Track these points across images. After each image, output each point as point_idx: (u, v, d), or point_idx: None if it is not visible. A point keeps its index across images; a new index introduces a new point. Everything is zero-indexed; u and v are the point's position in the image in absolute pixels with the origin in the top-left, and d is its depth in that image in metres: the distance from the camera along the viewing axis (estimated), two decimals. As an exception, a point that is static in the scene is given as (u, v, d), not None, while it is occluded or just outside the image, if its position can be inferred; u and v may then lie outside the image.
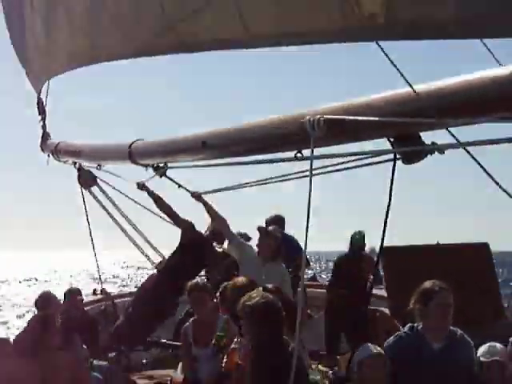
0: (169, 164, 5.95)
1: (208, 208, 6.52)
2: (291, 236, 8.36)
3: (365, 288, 7.85)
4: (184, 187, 6.31)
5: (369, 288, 7.30)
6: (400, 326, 5.26)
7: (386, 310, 7.15)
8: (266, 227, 7.83)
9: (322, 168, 4.37)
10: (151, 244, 8.15)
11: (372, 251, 8.12)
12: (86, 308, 7.97)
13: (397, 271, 6.58)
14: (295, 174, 4.66)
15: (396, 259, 6.54)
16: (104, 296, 8.94)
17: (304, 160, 4.20)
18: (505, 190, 3.33)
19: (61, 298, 7.11)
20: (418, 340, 4.38)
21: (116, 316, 8.02)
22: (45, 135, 8.28)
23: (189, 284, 5.90)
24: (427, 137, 3.81)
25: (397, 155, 3.94)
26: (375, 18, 3.10)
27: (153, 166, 6.11)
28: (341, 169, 4.32)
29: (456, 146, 3.61)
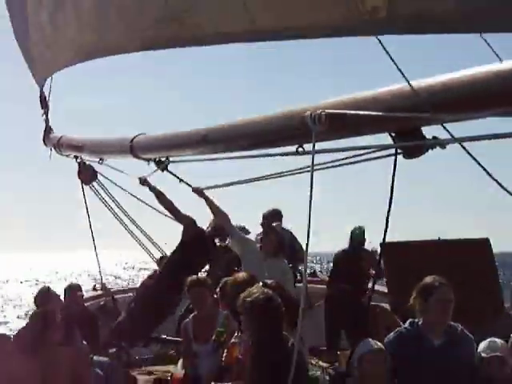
0: (170, 158, 5.94)
1: (209, 203, 6.51)
2: (289, 230, 8.41)
3: (365, 283, 7.85)
4: (185, 182, 6.30)
5: (371, 284, 7.28)
6: (400, 322, 5.26)
7: (387, 306, 7.16)
8: (265, 221, 7.87)
9: (324, 164, 4.37)
10: (152, 240, 8.16)
11: (373, 252, 8.11)
12: (86, 304, 7.98)
13: (397, 267, 6.57)
14: (296, 170, 4.64)
15: (396, 255, 6.53)
16: (104, 292, 8.95)
17: (305, 154, 4.19)
18: (503, 187, 3.32)
19: (60, 295, 7.11)
20: (419, 335, 4.38)
21: (116, 312, 8.03)
22: (47, 129, 8.29)
23: (188, 280, 5.87)
24: (428, 131, 3.82)
25: (398, 150, 3.94)
26: (377, 12, 3.09)
27: (154, 161, 6.10)
28: (342, 163, 4.31)
29: (456, 141, 3.60)
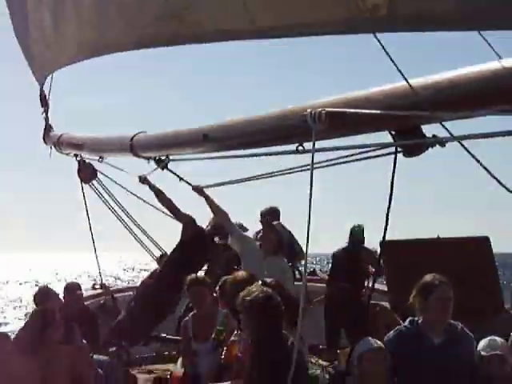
0: (170, 157, 5.94)
1: (209, 202, 6.51)
2: (288, 229, 8.41)
3: (365, 281, 7.85)
4: (185, 180, 6.30)
5: (371, 282, 7.28)
6: (400, 320, 5.26)
7: (387, 304, 7.16)
8: (264, 219, 7.87)
9: (323, 162, 4.37)
10: (151, 238, 8.15)
11: (373, 251, 8.11)
12: (86, 302, 7.97)
13: (397, 265, 6.58)
14: (297, 168, 4.64)
15: (396, 253, 6.53)
16: (103, 290, 8.94)
17: (305, 153, 4.18)
18: (503, 184, 3.32)
19: (60, 294, 7.09)
20: (419, 334, 4.38)
21: (116, 310, 8.02)
22: (47, 127, 8.28)
23: (188, 278, 5.86)
24: (428, 130, 3.82)
25: (398, 148, 3.94)
26: (378, 10, 3.09)
27: (154, 159, 6.10)
28: (342, 162, 4.31)
29: (456, 139, 3.60)
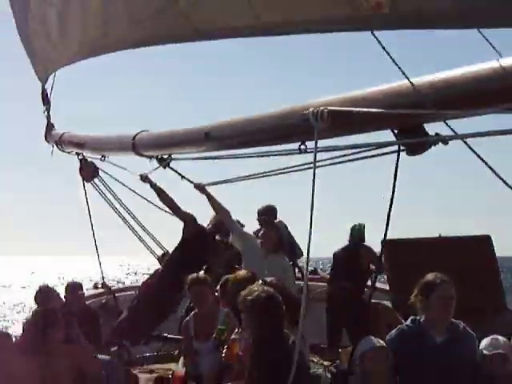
0: (172, 155, 5.94)
1: (211, 199, 6.51)
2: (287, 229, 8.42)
3: (366, 280, 7.84)
4: (187, 178, 6.32)
5: (372, 280, 7.27)
6: (402, 319, 5.26)
7: (388, 303, 7.16)
8: (261, 218, 7.87)
9: (326, 160, 4.37)
10: (153, 236, 8.15)
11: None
12: (87, 302, 7.96)
13: (399, 264, 6.58)
14: (299, 166, 4.63)
15: (398, 252, 6.53)
16: (105, 290, 8.94)
17: (308, 152, 4.18)
18: (506, 182, 3.32)
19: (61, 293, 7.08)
20: (420, 333, 4.37)
21: (117, 310, 8.02)
22: (49, 126, 8.28)
23: (189, 278, 5.83)
24: (430, 128, 3.81)
25: (401, 147, 3.93)
26: (381, 8, 3.10)
27: (157, 158, 6.10)
28: (345, 160, 4.30)
29: (459, 137, 3.60)
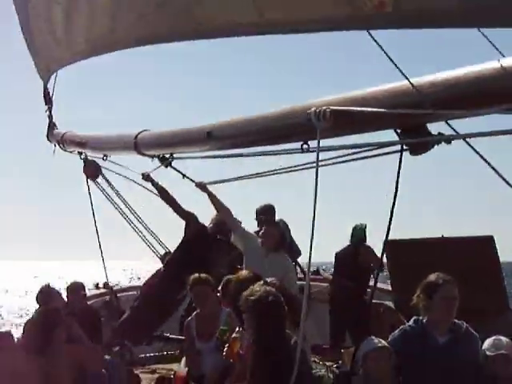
0: (174, 155, 5.93)
1: (212, 198, 6.50)
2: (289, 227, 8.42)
3: (366, 278, 7.85)
4: (189, 177, 6.31)
5: (374, 279, 7.26)
6: (405, 320, 5.25)
7: (391, 304, 7.16)
8: (260, 217, 7.87)
9: (328, 160, 4.35)
10: (155, 235, 8.14)
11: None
12: (89, 302, 7.96)
13: (401, 264, 6.58)
14: (301, 166, 4.62)
15: (400, 252, 6.53)
16: (107, 290, 8.94)
17: (310, 152, 4.16)
18: (508, 182, 3.30)
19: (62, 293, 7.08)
20: (423, 333, 4.37)
21: (119, 310, 8.02)
22: (51, 125, 8.28)
23: (191, 278, 5.82)
24: (433, 128, 3.79)
25: (403, 146, 3.92)
26: (384, 7, 3.09)
27: (158, 157, 6.10)
28: (348, 160, 4.29)
29: (462, 137, 3.59)
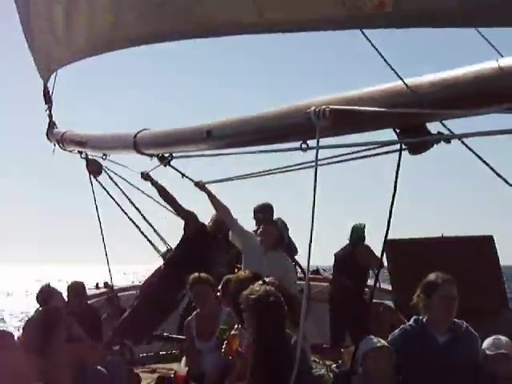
0: (173, 154, 5.93)
1: (211, 197, 6.51)
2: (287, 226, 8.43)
3: (365, 277, 7.85)
4: (188, 177, 6.32)
5: (374, 278, 7.26)
6: (405, 319, 5.25)
7: (391, 303, 7.16)
8: (258, 216, 7.87)
9: (328, 159, 4.35)
10: (158, 233, 8.14)
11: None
12: (89, 301, 7.96)
13: (401, 264, 6.58)
14: (300, 165, 4.62)
15: (400, 252, 6.53)
16: (107, 289, 8.93)
17: (309, 150, 4.16)
18: (506, 181, 3.29)
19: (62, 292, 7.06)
20: (423, 333, 4.39)
21: (120, 309, 8.01)
22: (51, 124, 8.27)
23: (191, 277, 5.84)
24: (431, 128, 3.79)
25: (403, 146, 3.91)
26: (384, 7, 3.09)
27: (158, 156, 6.10)
28: (347, 159, 4.29)
29: (461, 136, 3.59)
